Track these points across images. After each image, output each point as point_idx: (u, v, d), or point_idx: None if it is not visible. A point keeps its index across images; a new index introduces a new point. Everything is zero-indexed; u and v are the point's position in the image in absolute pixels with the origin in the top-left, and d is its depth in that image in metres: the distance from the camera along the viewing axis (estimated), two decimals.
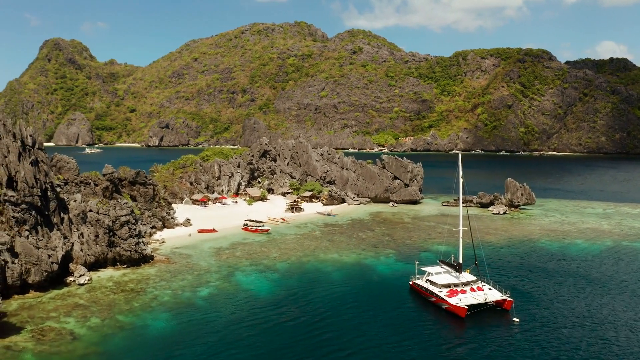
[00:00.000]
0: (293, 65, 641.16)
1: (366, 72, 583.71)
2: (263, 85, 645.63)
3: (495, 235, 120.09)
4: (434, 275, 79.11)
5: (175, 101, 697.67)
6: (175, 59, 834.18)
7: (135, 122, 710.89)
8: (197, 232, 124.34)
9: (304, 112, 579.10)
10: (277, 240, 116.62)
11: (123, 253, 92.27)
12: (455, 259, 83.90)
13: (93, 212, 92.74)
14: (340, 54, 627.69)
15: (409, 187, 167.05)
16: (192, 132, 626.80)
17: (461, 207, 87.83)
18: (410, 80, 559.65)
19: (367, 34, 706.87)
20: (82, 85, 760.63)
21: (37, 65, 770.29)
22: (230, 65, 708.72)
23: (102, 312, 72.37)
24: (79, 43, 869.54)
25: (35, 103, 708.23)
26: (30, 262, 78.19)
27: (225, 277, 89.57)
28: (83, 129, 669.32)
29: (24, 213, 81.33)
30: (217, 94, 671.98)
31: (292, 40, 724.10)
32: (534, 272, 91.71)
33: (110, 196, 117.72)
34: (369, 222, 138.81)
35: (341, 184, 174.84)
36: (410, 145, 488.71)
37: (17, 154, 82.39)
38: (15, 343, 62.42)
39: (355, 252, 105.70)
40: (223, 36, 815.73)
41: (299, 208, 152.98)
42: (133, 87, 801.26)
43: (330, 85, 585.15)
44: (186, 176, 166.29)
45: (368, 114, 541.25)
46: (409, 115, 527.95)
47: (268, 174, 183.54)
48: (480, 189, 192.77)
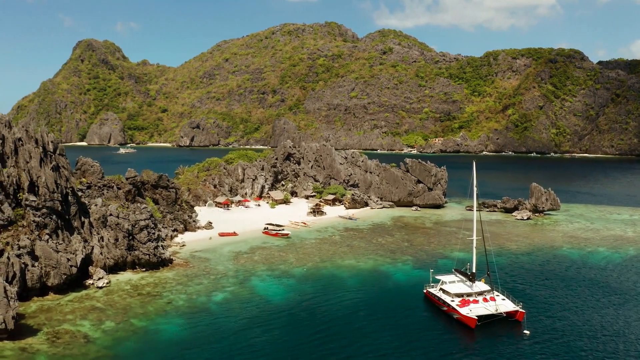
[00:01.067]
0: (323, 66, 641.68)
1: (396, 72, 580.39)
2: (293, 86, 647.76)
3: (516, 242, 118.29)
4: (447, 284, 78.40)
5: (206, 101, 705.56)
6: (206, 60, 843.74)
7: (166, 122, 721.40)
8: (217, 235, 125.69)
9: (334, 113, 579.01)
10: (296, 245, 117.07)
11: (142, 257, 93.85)
12: (470, 268, 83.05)
13: (113, 216, 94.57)
14: (371, 54, 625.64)
15: (432, 191, 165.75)
16: (222, 133, 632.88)
17: (475, 216, 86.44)
18: (440, 81, 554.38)
19: (397, 34, 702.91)
20: (114, 85, 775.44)
21: (71, 66, 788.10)
22: (261, 65, 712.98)
23: (117, 316, 73.82)
24: (112, 44, 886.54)
25: (69, 103, 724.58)
26: (50, 266, 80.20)
27: (241, 282, 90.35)
28: (115, 128, 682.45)
29: (44, 217, 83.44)
30: (247, 95, 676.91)
31: (323, 41, 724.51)
32: (551, 281, 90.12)
33: (132, 199, 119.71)
34: (390, 226, 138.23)
35: (364, 188, 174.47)
36: (439, 147, 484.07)
37: (38, 160, 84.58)
38: (30, 345, 64.16)
39: (372, 258, 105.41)
40: (254, 37, 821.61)
41: (321, 212, 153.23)
42: (165, 87, 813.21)
43: (360, 86, 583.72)
44: (210, 179, 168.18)
45: (398, 114, 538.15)
46: (439, 116, 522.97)
47: (292, 177, 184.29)
48: (507, 193, 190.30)
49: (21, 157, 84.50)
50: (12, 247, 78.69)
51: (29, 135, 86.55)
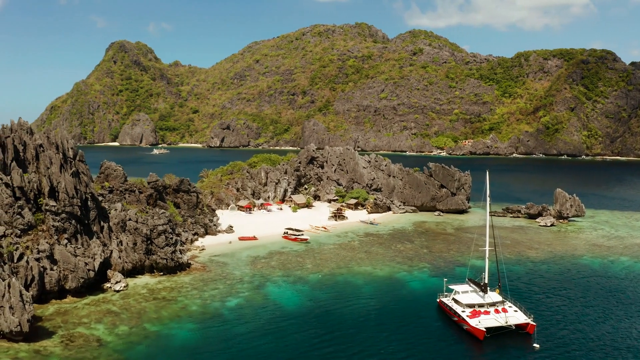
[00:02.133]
0: (353, 67, 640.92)
1: (426, 73, 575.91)
2: (323, 87, 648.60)
3: (536, 250, 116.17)
4: (460, 294, 77.65)
5: (236, 102, 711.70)
6: (237, 61, 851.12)
7: (197, 123, 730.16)
8: (237, 239, 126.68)
9: (363, 114, 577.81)
10: (314, 250, 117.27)
11: (159, 261, 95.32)
12: (484, 278, 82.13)
13: (132, 220, 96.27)
14: (401, 55, 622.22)
15: (455, 196, 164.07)
16: (252, 133, 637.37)
17: (488, 224, 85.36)
18: (470, 82, 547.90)
19: (428, 35, 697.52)
20: (146, 86, 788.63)
21: (103, 67, 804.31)
22: (291, 66, 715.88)
23: (131, 320, 75.17)
24: (144, 45, 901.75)
25: (101, 104, 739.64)
26: (68, 269, 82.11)
27: (256, 287, 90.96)
28: (147, 129, 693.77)
29: (63, 222, 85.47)
30: (277, 96, 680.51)
31: (353, 42, 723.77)
32: (568, 291, 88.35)
33: (154, 203, 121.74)
34: (411, 232, 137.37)
35: (387, 192, 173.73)
36: (469, 149, 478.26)
37: (59, 166, 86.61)
38: (44, 347, 65.87)
39: (389, 265, 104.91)
40: (284, 38, 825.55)
41: (342, 216, 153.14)
42: (196, 88, 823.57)
43: (389, 87, 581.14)
44: (233, 182, 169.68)
45: (428, 116, 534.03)
46: (469, 118, 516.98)
47: (315, 181, 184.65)
48: (534, 197, 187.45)
49: (42, 163, 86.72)
50: (32, 251, 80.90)
51: (50, 142, 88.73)
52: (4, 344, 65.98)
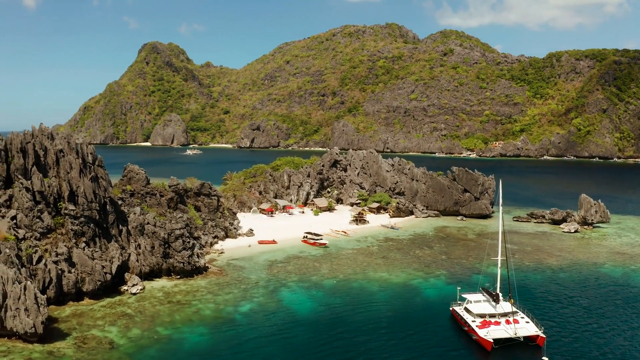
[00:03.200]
0: (383, 68, 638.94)
1: (457, 74, 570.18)
2: (353, 88, 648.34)
3: (557, 258, 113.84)
4: (472, 303, 76.73)
5: (267, 103, 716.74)
6: (268, 62, 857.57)
7: (228, 123, 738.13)
8: (257, 243, 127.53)
9: (393, 115, 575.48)
10: (332, 255, 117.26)
11: (176, 264, 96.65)
12: (496, 288, 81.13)
13: (150, 224, 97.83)
14: (431, 55, 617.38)
15: (479, 201, 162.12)
16: (282, 134, 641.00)
17: (500, 232, 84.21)
18: (501, 83, 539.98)
19: (459, 35, 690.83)
20: (178, 87, 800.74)
21: (136, 68, 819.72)
22: (321, 67, 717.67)
23: (144, 323, 76.43)
24: (176, 46, 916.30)
25: (134, 104, 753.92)
26: (85, 272, 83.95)
27: (271, 292, 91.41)
28: (178, 129, 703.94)
29: (82, 226, 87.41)
30: (307, 97, 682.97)
31: (383, 42, 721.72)
32: (586, 300, 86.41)
33: (175, 207, 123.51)
34: (431, 237, 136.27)
35: (410, 196, 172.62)
36: (499, 150, 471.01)
37: (78, 171, 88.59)
38: (58, 349, 67.48)
39: (405, 271, 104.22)
40: (314, 39, 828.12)
41: (364, 220, 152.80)
42: (227, 89, 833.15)
43: (420, 88, 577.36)
44: (256, 185, 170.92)
45: (458, 117, 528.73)
46: (500, 119, 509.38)
47: (338, 184, 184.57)
48: (562, 200, 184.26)
49: (62, 167, 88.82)
50: (51, 253, 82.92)
51: (70, 147, 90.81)
52: (19, 344, 67.91)
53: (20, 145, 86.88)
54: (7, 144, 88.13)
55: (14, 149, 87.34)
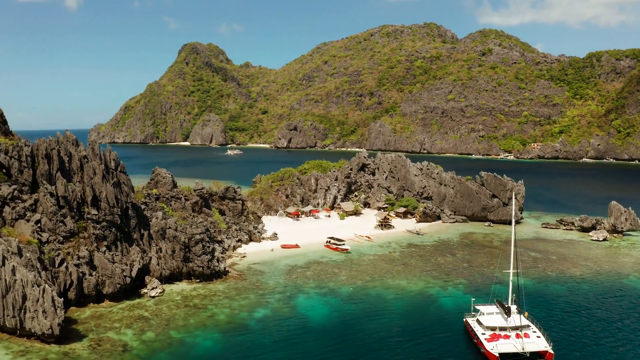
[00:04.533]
0: (421, 68, 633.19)
1: (495, 74, 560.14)
2: (390, 88, 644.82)
3: (582, 267, 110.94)
4: (484, 315, 75.84)
5: (304, 103, 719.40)
6: (306, 62, 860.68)
7: (266, 123, 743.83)
8: (280, 247, 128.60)
9: (430, 116, 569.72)
10: (352, 261, 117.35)
11: (196, 268, 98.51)
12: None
13: (171, 229, 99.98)
14: (469, 55, 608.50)
15: (507, 206, 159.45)
16: (319, 135, 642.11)
17: (513, 244, 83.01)
18: (541, 83, 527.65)
19: (499, 34, 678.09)
20: (217, 87, 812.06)
21: (176, 68, 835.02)
22: (359, 67, 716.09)
23: (159, 327, 78.34)
24: (216, 47, 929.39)
25: (173, 104, 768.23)
26: (106, 275, 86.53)
27: (287, 298, 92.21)
28: (217, 129, 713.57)
29: (104, 230, 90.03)
30: (345, 97, 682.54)
31: (421, 42, 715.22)
32: (604, 313, 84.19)
33: (199, 210, 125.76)
34: (455, 244, 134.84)
35: (438, 201, 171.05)
36: (537, 152, 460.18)
37: (101, 176, 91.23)
38: (73, 350, 69.93)
39: (424, 279, 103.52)
40: (352, 39, 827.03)
41: (389, 225, 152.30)
42: (265, 89, 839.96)
43: (457, 88, 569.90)
44: (283, 189, 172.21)
45: (496, 118, 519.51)
46: (539, 120, 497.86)
47: (365, 188, 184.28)
48: (594, 206, 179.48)
49: (86, 173, 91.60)
50: (72, 256, 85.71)
51: (94, 153, 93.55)
52: (37, 344, 70.71)
53: (45, 151, 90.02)
54: (34, 150, 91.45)
55: (39, 155, 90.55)
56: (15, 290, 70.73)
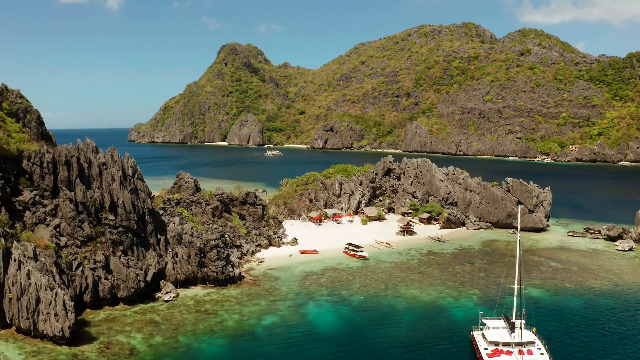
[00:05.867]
0: (458, 68, 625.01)
1: (533, 74, 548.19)
2: (427, 89, 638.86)
3: (602, 279, 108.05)
4: (490, 329, 75.23)
5: (341, 104, 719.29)
6: (344, 62, 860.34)
7: (303, 124, 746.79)
8: (299, 252, 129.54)
9: (467, 117, 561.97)
10: (369, 268, 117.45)
11: (210, 274, 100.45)
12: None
13: (187, 234, 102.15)
14: (508, 55, 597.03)
15: (533, 214, 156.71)
16: (355, 135, 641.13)
17: (518, 257, 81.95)
18: (580, 84, 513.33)
19: (538, 33, 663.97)
20: (255, 87, 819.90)
21: (215, 69, 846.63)
22: (396, 68, 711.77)
23: (168, 331, 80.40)
24: (254, 47, 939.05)
25: (212, 105, 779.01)
26: (120, 279, 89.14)
27: (297, 305, 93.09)
28: (254, 130, 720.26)
29: (120, 235, 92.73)
30: (381, 98, 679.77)
31: (459, 42, 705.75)
32: (619, 328, 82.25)
33: (220, 215, 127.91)
34: (476, 252, 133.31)
35: (463, 206, 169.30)
36: (575, 155, 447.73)
37: (119, 182, 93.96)
38: (82, 352, 72.56)
39: (438, 289, 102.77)
40: (390, 39, 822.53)
41: (411, 231, 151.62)
42: (303, 89, 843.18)
43: (495, 89, 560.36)
44: (306, 193, 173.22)
45: (534, 119, 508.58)
46: (578, 122, 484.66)
47: (390, 193, 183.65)
48: (626, 213, 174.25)
49: (104, 179, 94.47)
50: (89, 260, 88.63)
51: (113, 160, 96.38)
52: (49, 345, 73.65)
53: (65, 158, 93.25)
54: (55, 157, 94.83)
55: (60, 161, 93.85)
56: (30, 293, 73.72)
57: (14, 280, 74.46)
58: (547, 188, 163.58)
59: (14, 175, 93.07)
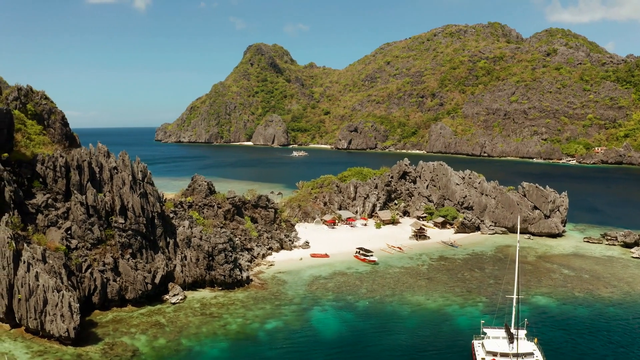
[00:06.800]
0: (484, 69, 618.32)
1: (560, 75, 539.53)
2: (452, 89, 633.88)
3: (613, 288, 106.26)
4: (490, 339, 74.98)
5: (366, 104, 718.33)
6: (369, 62, 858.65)
7: (328, 124, 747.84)
8: (309, 256, 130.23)
9: (492, 118, 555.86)
10: (377, 273, 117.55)
11: (218, 277, 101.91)
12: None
13: (196, 238, 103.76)
14: (534, 56, 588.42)
15: (549, 219, 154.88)
16: (380, 136, 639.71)
17: (517, 265, 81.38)
18: (606, 85, 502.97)
19: (566, 33, 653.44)
20: (281, 88, 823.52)
21: (241, 69, 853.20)
22: (421, 68, 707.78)
23: (172, 334, 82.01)
24: (280, 47, 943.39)
25: (238, 105, 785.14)
26: (128, 281, 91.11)
27: (302, 310, 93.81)
28: (279, 130, 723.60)
29: (129, 238, 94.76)
30: (406, 98, 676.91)
31: (485, 42, 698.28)
32: (623, 337, 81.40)
33: (231, 218, 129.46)
34: (487, 258, 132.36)
35: (479, 211, 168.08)
36: (600, 157, 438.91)
37: (129, 186, 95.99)
38: (86, 352, 74.60)
39: (445, 296, 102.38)
40: (415, 39, 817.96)
41: (424, 236, 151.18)
42: (328, 90, 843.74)
43: (520, 90, 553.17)
44: (321, 196, 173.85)
45: (559, 120, 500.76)
46: (604, 123, 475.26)
47: (405, 196, 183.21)
48: None
49: (115, 183, 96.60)
50: (98, 263, 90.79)
51: (124, 164, 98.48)
52: (56, 345, 75.95)
53: (77, 162, 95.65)
54: (68, 161, 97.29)
55: (73, 165, 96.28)
56: (37, 294, 76.02)
57: (23, 281, 76.85)
58: (563, 193, 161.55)
59: (28, 178, 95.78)
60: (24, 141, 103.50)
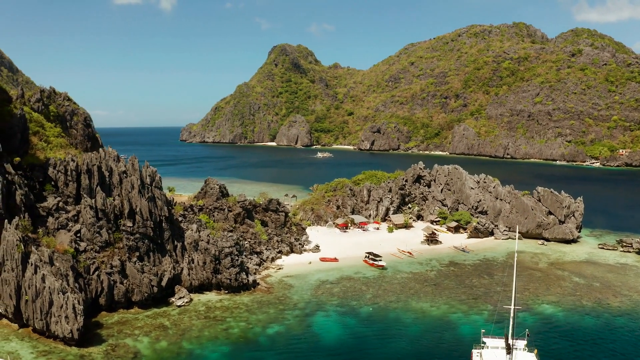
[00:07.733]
0: (508, 69, 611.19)
1: (585, 76, 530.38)
2: (476, 90, 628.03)
3: (622, 297, 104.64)
4: (488, 349, 74.62)
5: (389, 105, 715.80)
6: (393, 63, 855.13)
7: (351, 125, 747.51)
8: (319, 259, 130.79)
9: (516, 119, 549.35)
10: (385, 278, 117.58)
11: (224, 280, 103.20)
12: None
13: (204, 241, 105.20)
14: (558, 56, 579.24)
15: (563, 224, 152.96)
16: (402, 137, 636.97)
17: (514, 277, 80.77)
18: (631, 86, 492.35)
19: (592, 33, 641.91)
20: (305, 88, 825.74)
21: (265, 70, 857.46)
22: (445, 69, 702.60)
23: (174, 336, 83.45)
24: (305, 48, 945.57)
25: (262, 105, 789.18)
26: (135, 284, 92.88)
27: (305, 315, 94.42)
28: (302, 130, 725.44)
29: (137, 241, 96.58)
30: (430, 99, 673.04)
31: (509, 43, 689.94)
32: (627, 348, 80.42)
33: (242, 222, 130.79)
34: (498, 264, 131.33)
35: (493, 215, 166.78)
36: (625, 160, 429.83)
37: (138, 191, 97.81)
38: (89, 353, 76.48)
39: (450, 303, 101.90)
40: (440, 39, 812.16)
41: (436, 241, 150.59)
42: (352, 90, 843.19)
43: (545, 91, 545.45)
44: (334, 200, 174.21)
45: (584, 122, 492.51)
46: (629, 125, 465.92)
47: (419, 200, 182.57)
48: None
49: (124, 187, 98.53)
50: (106, 265, 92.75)
51: (134, 168, 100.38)
52: (60, 346, 78.03)
53: (87, 167, 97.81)
54: (79, 165, 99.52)
55: (83, 169, 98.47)
56: (44, 296, 78.13)
57: (30, 283, 79.02)
58: (579, 198, 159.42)
59: (40, 182, 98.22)
60: (41, 144, 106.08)
